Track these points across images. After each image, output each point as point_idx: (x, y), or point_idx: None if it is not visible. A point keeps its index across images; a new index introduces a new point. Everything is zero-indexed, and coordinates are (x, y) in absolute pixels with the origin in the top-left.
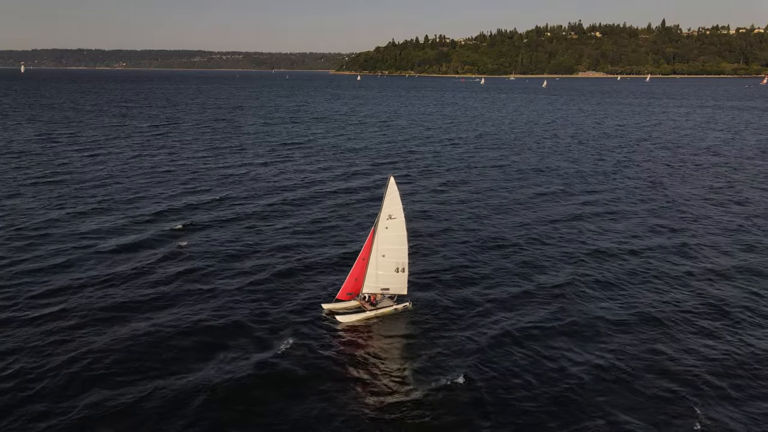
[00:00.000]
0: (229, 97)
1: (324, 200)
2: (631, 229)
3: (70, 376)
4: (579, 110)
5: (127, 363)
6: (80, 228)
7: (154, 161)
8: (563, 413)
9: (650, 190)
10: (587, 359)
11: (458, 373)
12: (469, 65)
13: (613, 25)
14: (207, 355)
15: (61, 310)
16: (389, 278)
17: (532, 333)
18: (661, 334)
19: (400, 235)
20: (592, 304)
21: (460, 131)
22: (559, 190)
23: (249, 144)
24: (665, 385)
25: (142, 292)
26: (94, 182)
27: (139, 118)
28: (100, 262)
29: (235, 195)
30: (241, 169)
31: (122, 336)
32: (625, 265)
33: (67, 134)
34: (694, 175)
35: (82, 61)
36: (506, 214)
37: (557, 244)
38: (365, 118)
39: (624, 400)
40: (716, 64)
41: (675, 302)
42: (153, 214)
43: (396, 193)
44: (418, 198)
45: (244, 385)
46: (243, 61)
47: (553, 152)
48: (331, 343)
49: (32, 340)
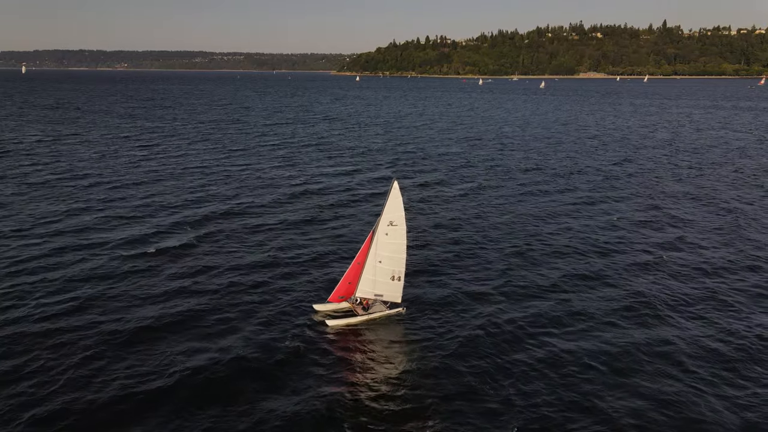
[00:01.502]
0: (234, 98)
1: (327, 200)
2: (627, 228)
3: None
4: (572, 110)
5: (110, 360)
6: (82, 227)
7: (158, 161)
8: (561, 418)
9: (635, 185)
10: (586, 364)
11: (449, 378)
12: (470, 66)
13: (614, 26)
14: (193, 351)
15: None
16: (384, 285)
17: (530, 340)
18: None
19: (399, 244)
20: (593, 305)
21: (459, 132)
22: (562, 191)
23: (256, 144)
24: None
25: (131, 288)
26: (98, 181)
27: (146, 119)
28: (95, 260)
29: (244, 196)
30: (247, 169)
31: (107, 330)
32: (635, 267)
33: (72, 134)
34: (675, 169)
35: (84, 62)
36: (504, 218)
37: (555, 248)
38: (369, 119)
39: (630, 399)
40: (717, 65)
41: (677, 293)
42: (152, 210)
43: (399, 199)
44: (417, 199)
45: (226, 382)
46: (244, 62)
47: (560, 153)
48: (320, 346)
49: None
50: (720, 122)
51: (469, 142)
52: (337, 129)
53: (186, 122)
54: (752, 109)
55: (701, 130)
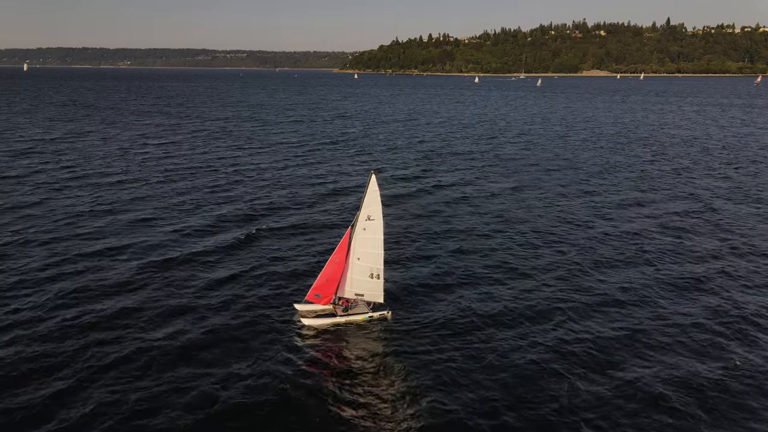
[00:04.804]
0: (242, 95)
1: (327, 199)
2: (625, 227)
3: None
4: (554, 105)
5: (87, 366)
6: (82, 226)
7: (172, 160)
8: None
9: (609, 173)
10: (576, 373)
11: (431, 384)
12: (473, 64)
13: (617, 24)
14: (167, 352)
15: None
16: (364, 283)
17: (519, 343)
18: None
19: (376, 239)
20: (584, 315)
21: (452, 128)
22: (558, 189)
23: (275, 142)
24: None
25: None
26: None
27: (157, 115)
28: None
29: (261, 195)
30: (268, 168)
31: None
32: (631, 275)
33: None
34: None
35: (87, 60)
36: (496, 218)
37: (551, 251)
38: (386, 117)
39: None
40: (721, 63)
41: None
42: (150, 208)
43: (376, 192)
44: (406, 197)
45: (202, 387)
46: (247, 60)
47: (570, 148)
48: (294, 346)
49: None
50: (689, 118)
51: (490, 140)
52: (354, 127)
53: (204, 119)
54: (745, 106)
55: (680, 125)
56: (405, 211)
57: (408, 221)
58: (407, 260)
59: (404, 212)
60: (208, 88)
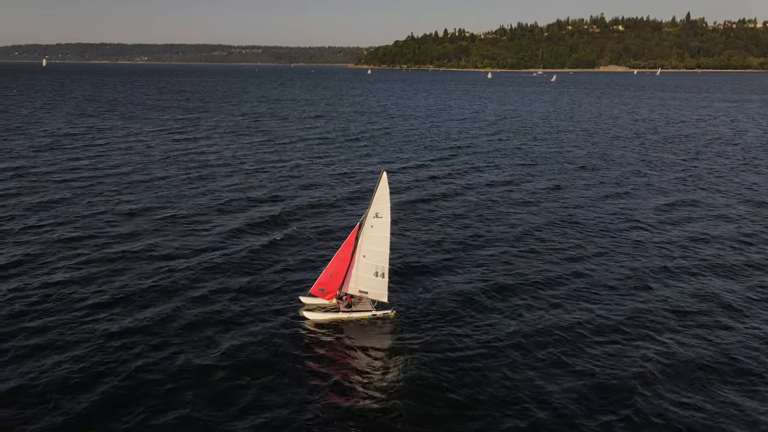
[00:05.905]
0: (259, 91)
1: (342, 193)
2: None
3: None
4: (562, 101)
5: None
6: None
7: (191, 156)
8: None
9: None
10: (577, 372)
11: (434, 382)
12: (489, 59)
13: (636, 19)
14: (173, 343)
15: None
16: (368, 281)
17: (527, 347)
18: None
19: (383, 237)
20: (591, 315)
21: (469, 125)
22: (558, 188)
23: (298, 139)
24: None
25: (120, 279)
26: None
27: (177, 110)
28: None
29: (275, 189)
30: (287, 165)
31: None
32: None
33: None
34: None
35: (105, 56)
36: (500, 218)
37: (553, 251)
38: (412, 111)
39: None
40: (742, 58)
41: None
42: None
43: (386, 191)
44: (414, 196)
45: (205, 374)
46: (262, 56)
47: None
48: (296, 340)
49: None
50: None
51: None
52: (380, 123)
53: (224, 113)
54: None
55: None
56: (414, 211)
57: (417, 222)
58: (414, 260)
59: (414, 212)
60: (224, 83)
